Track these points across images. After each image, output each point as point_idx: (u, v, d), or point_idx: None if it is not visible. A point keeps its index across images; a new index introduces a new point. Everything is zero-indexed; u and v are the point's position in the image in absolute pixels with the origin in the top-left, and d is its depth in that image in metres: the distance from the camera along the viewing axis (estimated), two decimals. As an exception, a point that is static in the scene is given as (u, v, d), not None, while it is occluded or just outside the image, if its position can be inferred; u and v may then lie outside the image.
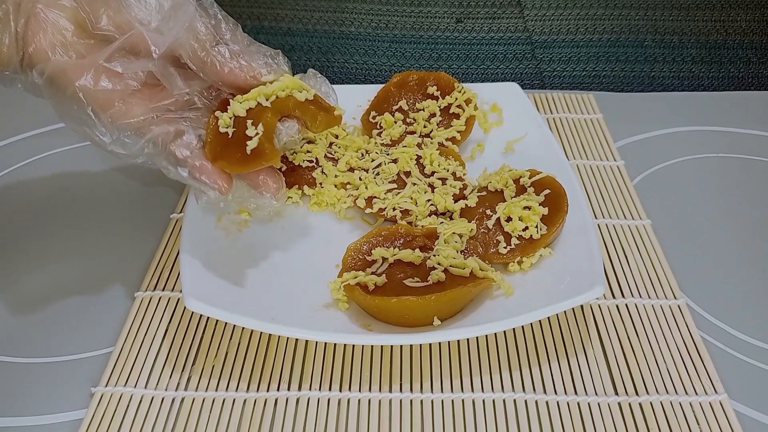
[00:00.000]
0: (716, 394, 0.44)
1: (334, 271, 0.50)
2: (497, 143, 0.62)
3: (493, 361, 0.46)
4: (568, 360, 0.47)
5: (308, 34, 0.79)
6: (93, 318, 0.50)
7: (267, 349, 0.47)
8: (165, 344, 0.48)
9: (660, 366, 0.46)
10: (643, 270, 0.53)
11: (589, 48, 0.78)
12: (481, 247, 0.50)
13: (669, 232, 0.56)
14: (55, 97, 0.44)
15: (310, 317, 0.46)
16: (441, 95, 0.63)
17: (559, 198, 0.51)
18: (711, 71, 0.80)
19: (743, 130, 0.68)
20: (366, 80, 0.80)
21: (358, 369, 0.46)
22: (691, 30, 0.78)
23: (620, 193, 0.60)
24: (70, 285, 0.52)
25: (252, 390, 0.45)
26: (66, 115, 0.44)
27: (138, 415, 0.43)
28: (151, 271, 0.53)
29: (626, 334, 0.48)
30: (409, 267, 0.49)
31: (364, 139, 0.61)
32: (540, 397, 0.44)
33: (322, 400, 0.44)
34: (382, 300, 0.45)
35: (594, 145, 0.65)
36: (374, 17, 0.77)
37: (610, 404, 0.44)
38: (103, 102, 0.43)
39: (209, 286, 0.46)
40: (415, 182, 0.55)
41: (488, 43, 0.78)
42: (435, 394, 0.44)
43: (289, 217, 0.55)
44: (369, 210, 0.54)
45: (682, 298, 0.51)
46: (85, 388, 0.45)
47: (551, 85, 0.79)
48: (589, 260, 0.47)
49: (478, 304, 0.48)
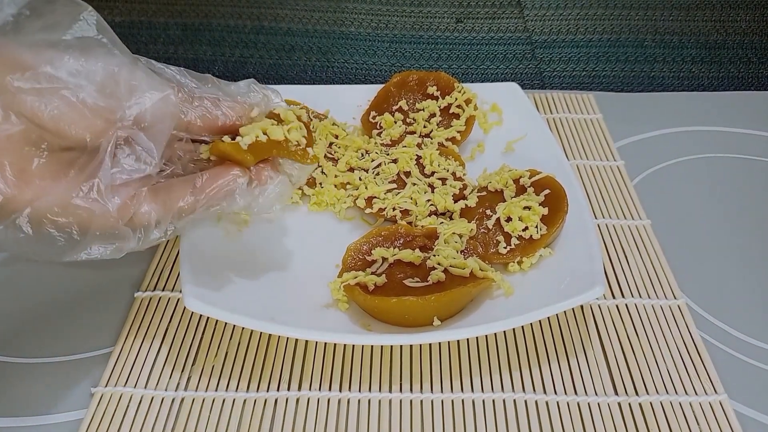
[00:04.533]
0: (716, 394, 0.44)
1: (334, 271, 0.50)
2: (497, 143, 0.62)
3: (493, 361, 0.46)
4: (568, 360, 0.47)
5: (308, 34, 0.79)
6: (93, 318, 0.50)
7: (267, 349, 0.47)
8: (165, 344, 0.48)
9: (660, 366, 0.46)
10: (643, 270, 0.53)
11: (589, 48, 0.78)
12: (481, 247, 0.50)
13: (669, 232, 0.56)
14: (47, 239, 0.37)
15: (310, 317, 0.46)
16: (441, 95, 0.63)
17: (559, 198, 0.51)
18: (711, 71, 0.80)
19: (743, 130, 0.68)
20: (366, 80, 0.80)
21: (358, 369, 0.46)
22: (691, 30, 0.78)
23: (620, 193, 0.60)
24: (70, 285, 0.52)
25: (252, 390, 0.45)
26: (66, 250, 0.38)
27: (138, 415, 0.43)
28: (151, 271, 0.53)
29: (626, 334, 0.48)
30: (409, 267, 0.49)
31: (364, 139, 0.61)
32: (540, 397, 0.44)
33: (322, 400, 0.44)
34: (382, 300, 0.45)
35: (594, 145, 0.65)
36: (374, 17, 0.77)
37: (610, 404, 0.44)
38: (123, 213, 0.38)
39: (209, 286, 0.46)
40: (415, 182, 0.55)
41: (488, 43, 0.78)
42: (435, 394, 0.44)
43: (289, 217, 0.55)
44: (369, 210, 0.54)
45: (682, 298, 0.51)
46: (85, 388, 0.45)
47: (551, 85, 0.79)
48: (589, 260, 0.47)
49: (478, 304, 0.48)
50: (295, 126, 0.44)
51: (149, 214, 0.39)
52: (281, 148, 0.43)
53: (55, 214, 0.36)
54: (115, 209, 0.38)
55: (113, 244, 0.39)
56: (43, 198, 0.36)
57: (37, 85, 0.36)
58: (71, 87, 0.36)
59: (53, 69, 0.36)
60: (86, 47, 0.38)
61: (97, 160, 0.37)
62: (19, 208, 0.36)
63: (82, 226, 0.37)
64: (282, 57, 0.80)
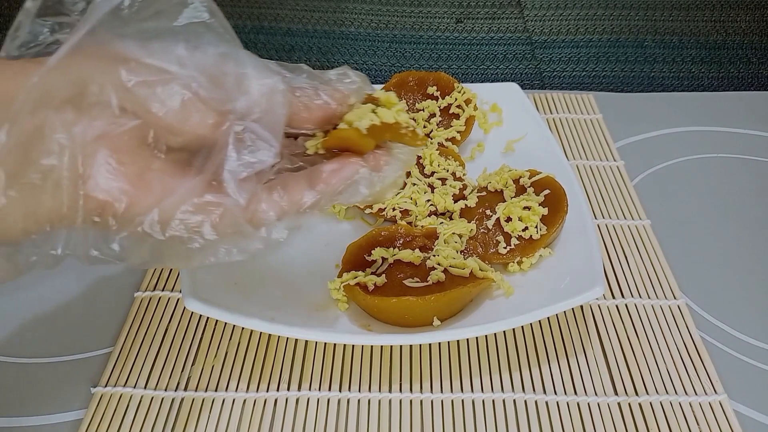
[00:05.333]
0: (716, 394, 0.44)
1: (334, 271, 0.50)
2: (497, 143, 0.62)
3: (493, 362, 0.46)
4: (568, 360, 0.47)
5: (308, 34, 0.79)
6: (93, 318, 0.50)
7: (267, 349, 0.47)
8: (165, 344, 0.48)
9: (660, 366, 0.46)
10: (643, 270, 0.53)
11: (589, 48, 0.78)
12: (480, 248, 0.50)
13: (669, 232, 0.56)
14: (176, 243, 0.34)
15: (310, 317, 0.46)
16: (441, 95, 0.63)
17: (559, 198, 0.51)
18: (711, 71, 0.80)
19: (743, 130, 0.68)
20: (366, 80, 0.80)
21: (358, 369, 0.46)
22: (691, 30, 0.78)
23: (620, 194, 0.60)
24: (70, 285, 0.52)
25: (252, 390, 0.45)
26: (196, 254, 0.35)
27: (138, 415, 0.43)
28: (151, 271, 0.53)
29: (626, 335, 0.48)
30: (409, 267, 0.49)
31: (364, 139, 0.60)
32: (540, 397, 0.44)
33: (322, 400, 0.44)
34: (382, 300, 0.45)
35: (594, 145, 0.65)
36: (374, 17, 0.77)
37: (610, 404, 0.44)
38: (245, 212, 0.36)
39: (209, 286, 0.46)
40: (414, 182, 0.55)
41: (488, 43, 0.78)
42: (435, 394, 0.44)
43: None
44: (369, 210, 0.54)
45: (682, 298, 0.51)
46: (85, 388, 0.45)
47: (551, 85, 0.80)
48: (589, 260, 0.47)
49: (478, 304, 0.48)
50: (401, 108, 0.41)
51: (267, 212, 0.36)
52: (393, 131, 0.40)
53: (186, 213, 0.34)
54: (245, 204, 0.35)
55: (238, 245, 0.36)
56: (170, 198, 0.33)
57: (149, 78, 0.33)
58: (182, 79, 0.34)
59: (162, 61, 0.34)
60: (195, 34, 0.36)
61: (222, 154, 0.35)
62: (143, 211, 0.33)
63: (213, 224, 0.35)
64: (282, 57, 0.80)
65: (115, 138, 0.33)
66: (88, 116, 0.32)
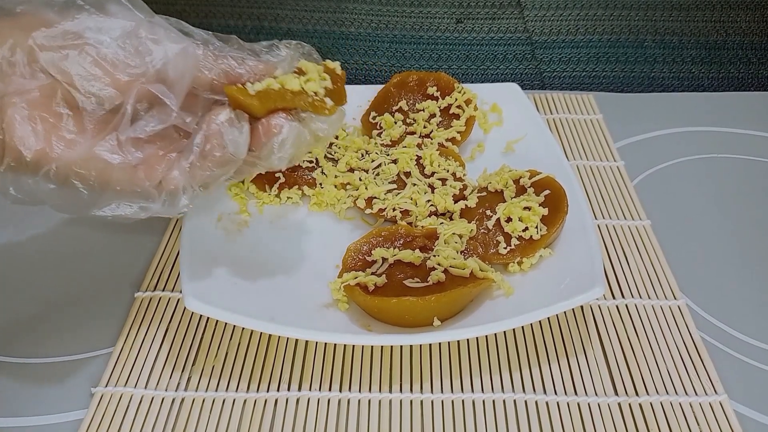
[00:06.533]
0: (716, 394, 0.44)
1: (334, 272, 0.50)
2: (497, 144, 0.62)
3: (493, 362, 0.46)
4: (568, 360, 0.47)
5: (308, 34, 0.79)
6: (93, 318, 0.50)
7: (267, 349, 0.47)
8: (165, 344, 0.48)
9: (660, 366, 0.46)
10: (643, 270, 0.53)
11: (589, 48, 0.78)
12: (481, 248, 0.50)
13: (669, 232, 0.56)
14: (69, 194, 0.39)
15: (310, 317, 0.46)
16: (441, 96, 0.63)
17: (559, 198, 0.51)
18: (711, 72, 0.80)
19: (743, 130, 0.68)
20: (366, 80, 0.80)
21: (358, 369, 0.46)
22: (690, 30, 0.78)
23: (620, 194, 0.60)
24: (70, 285, 0.52)
25: (252, 390, 0.45)
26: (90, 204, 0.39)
27: (138, 415, 0.43)
28: (151, 271, 0.53)
29: (626, 335, 0.48)
30: (409, 267, 0.49)
31: (363, 140, 0.60)
32: (540, 397, 0.44)
33: (322, 400, 0.44)
34: (382, 300, 0.45)
35: (594, 145, 0.65)
36: (374, 17, 0.77)
37: (610, 404, 0.44)
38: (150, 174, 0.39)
39: (209, 286, 0.46)
40: (415, 183, 0.55)
41: (488, 43, 0.78)
42: (435, 395, 0.44)
43: (289, 217, 0.55)
44: (369, 210, 0.54)
45: (682, 298, 0.51)
46: (85, 388, 0.45)
47: (551, 85, 0.80)
48: (589, 261, 0.47)
49: (478, 304, 0.48)
50: (314, 78, 0.42)
51: (177, 179, 0.39)
52: (295, 97, 0.41)
53: (79, 166, 0.38)
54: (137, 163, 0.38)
55: (138, 204, 0.39)
56: (70, 151, 0.37)
57: (61, 42, 0.37)
58: (93, 43, 0.37)
59: (74, 26, 0.37)
60: (104, 5, 0.39)
61: (119, 114, 0.38)
62: (49, 163, 0.37)
63: (102, 178, 0.38)
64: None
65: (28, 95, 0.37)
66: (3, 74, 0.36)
